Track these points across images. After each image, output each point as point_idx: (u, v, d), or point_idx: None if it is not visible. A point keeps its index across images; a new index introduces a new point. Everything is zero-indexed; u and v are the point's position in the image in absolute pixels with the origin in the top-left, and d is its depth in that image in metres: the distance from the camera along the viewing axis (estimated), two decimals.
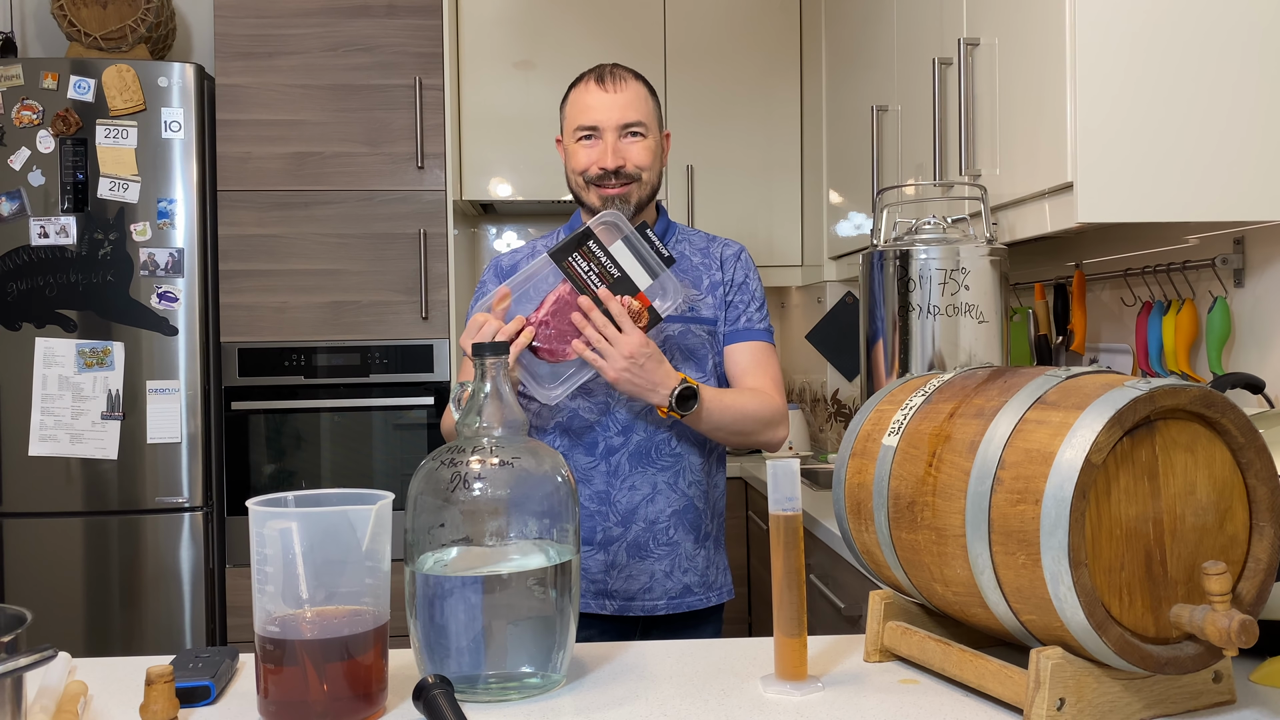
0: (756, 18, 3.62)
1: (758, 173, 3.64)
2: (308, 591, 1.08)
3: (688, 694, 1.15)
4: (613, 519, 1.77)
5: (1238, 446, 1.02)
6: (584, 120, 1.78)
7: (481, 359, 1.22)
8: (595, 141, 1.78)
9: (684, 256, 1.85)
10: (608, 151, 1.76)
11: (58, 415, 2.97)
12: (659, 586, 1.78)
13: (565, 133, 1.84)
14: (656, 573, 1.78)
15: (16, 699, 0.93)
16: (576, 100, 1.81)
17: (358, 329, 3.15)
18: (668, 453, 1.78)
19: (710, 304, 1.83)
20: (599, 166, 1.76)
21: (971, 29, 2.09)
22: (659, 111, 1.85)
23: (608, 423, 1.77)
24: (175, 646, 3.00)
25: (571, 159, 1.81)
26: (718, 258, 1.87)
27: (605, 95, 1.77)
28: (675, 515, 1.78)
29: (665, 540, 1.78)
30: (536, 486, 1.18)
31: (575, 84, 1.83)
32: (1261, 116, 1.65)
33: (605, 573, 1.77)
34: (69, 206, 2.98)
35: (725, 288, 1.85)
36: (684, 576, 1.79)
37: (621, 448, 1.76)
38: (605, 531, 1.77)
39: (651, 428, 1.77)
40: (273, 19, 3.13)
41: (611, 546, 1.77)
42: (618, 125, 1.76)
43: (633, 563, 1.77)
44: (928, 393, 1.21)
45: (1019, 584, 1.01)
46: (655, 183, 1.82)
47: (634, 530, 1.77)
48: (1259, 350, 1.81)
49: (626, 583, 1.77)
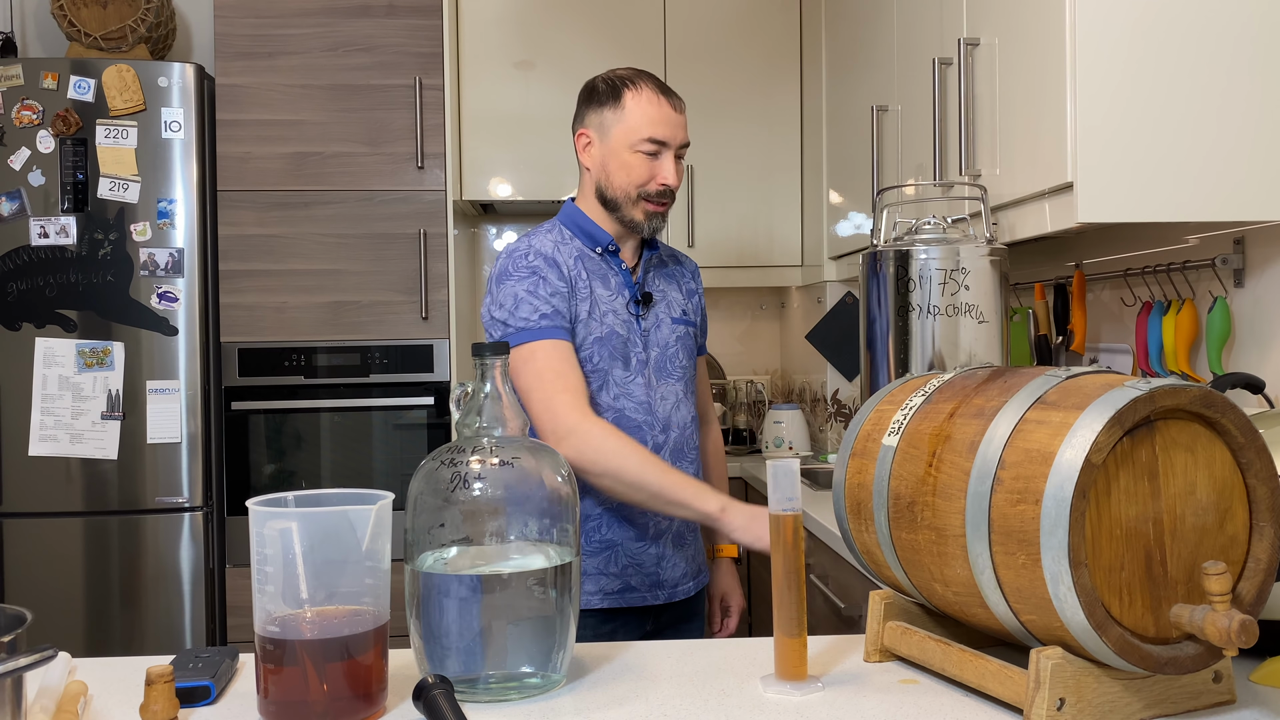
0: (756, 18, 3.62)
1: (758, 173, 3.64)
2: (308, 591, 1.08)
3: (688, 694, 1.15)
4: (661, 514, 1.80)
5: (1238, 446, 1.02)
6: (657, 133, 1.77)
7: (481, 359, 1.22)
8: (661, 157, 1.79)
9: (664, 262, 1.95)
10: (673, 170, 1.79)
11: (58, 415, 2.97)
12: (690, 570, 1.90)
13: (620, 139, 1.79)
14: (688, 558, 1.89)
15: (16, 699, 0.93)
16: (644, 110, 1.78)
17: (358, 329, 3.15)
18: (691, 447, 1.88)
19: (690, 310, 1.95)
20: (662, 183, 1.79)
21: (971, 29, 2.10)
22: None
23: (652, 422, 1.82)
24: (175, 646, 3.00)
25: (630, 169, 1.78)
26: (688, 268, 2.01)
27: (675, 114, 1.80)
28: None
29: (692, 528, 1.90)
30: (536, 486, 1.18)
31: (629, 88, 1.79)
32: (1261, 116, 1.65)
33: (658, 565, 1.83)
34: (69, 206, 2.98)
35: (698, 299, 2.01)
36: (694, 561, 1.92)
37: (664, 445, 1.83)
38: (655, 525, 1.82)
39: (681, 423, 1.86)
40: (273, 19, 3.13)
41: (661, 540, 1.83)
42: (680, 144, 1.81)
43: (675, 552, 1.86)
44: (928, 393, 1.21)
45: (1019, 584, 1.01)
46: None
47: (677, 523, 1.85)
48: (1259, 350, 1.81)
49: (672, 570, 1.85)
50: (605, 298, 1.81)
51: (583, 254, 1.83)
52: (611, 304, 1.82)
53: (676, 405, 1.86)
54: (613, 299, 1.82)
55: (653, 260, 1.91)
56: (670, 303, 1.90)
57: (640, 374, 1.82)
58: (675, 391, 1.86)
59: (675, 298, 1.91)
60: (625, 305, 1.83)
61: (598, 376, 1.79)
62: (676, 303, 1.91)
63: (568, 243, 1.84)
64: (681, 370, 1.88)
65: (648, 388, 1.82)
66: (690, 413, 1.89)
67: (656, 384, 1.84)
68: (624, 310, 1.83)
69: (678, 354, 1.88)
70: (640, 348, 1.83)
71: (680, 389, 1.87)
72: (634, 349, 1.82)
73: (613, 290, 1.83)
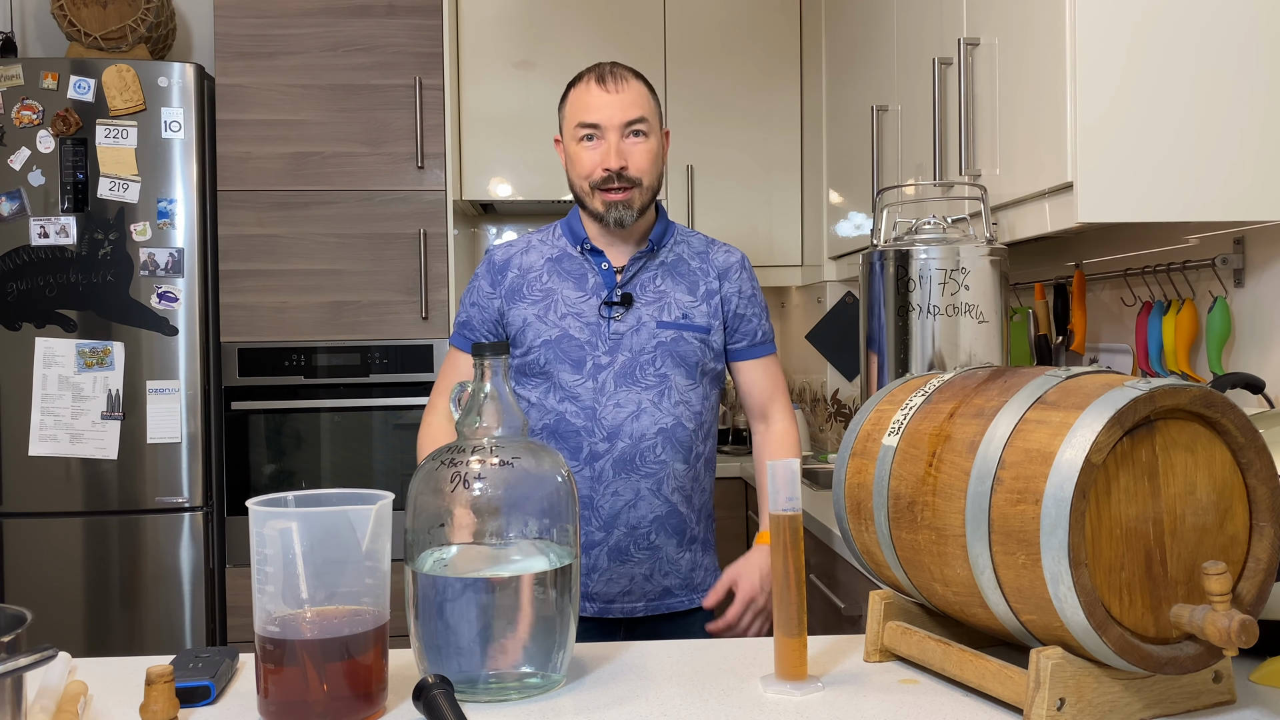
0: (756, 18, 3.62)
1: (758, 173, 3.64)
2: (308, 591, 1.08)
3: (688, 694, 1.15)
4: (595, 524, 1.77)
5: (1238, 446, 1.02)
6: (585, 118, 1.76)
7: (481, 359, 1.22)
8: (597, 142, 1.76)
9: (681, 260, 1.85)
10: (611, 152, 1.74)
11: (58, 415, 2.97)
12: (638, 589, 1.79)
13: (565, 133, 1.82)
14: (636, 576, 1.78)
15: (16, 699, 0.93)
16: (577, 99, 1.79)
17: (358, 329, 3.15)
18: (652, 460, 1.77)
19: (705, 312, 1.82)
20: (603, 168, 1.75)
21: (971, 29, 2.09)
22: (659, 110, 1.83)
23: (594, 429, 1.76)
24: (175, 646, 3.00)
25: (573, 162, 1.79)
26: (717, 265, 1.86)
27: (607, 95, 1.75)
28: (657, 521, 1.78)
29: (646, 545, 1.78)
30: (536, 486, 1.18)
31: (575, 83, 1.81)
32: (1261, 116, 1.65)
33: (585, 576, 1.77)
34: (69, 206, 2.98)
35: (735, 300, 1.85)
36: (664, 579, 1.80)
37: (606, 454, 1.75)
38: (587, 536, 1.77)
39: (636, 435, 1.76)
40: (273, 19, 3.13)
41: (592, 551, 1.77)
42: (620, 124, 1.75)
43: (612, 566, 1.77)
44: (928, 393, 1.21)
45: (1019, 584, 1.01)
46: (656, 186, 1.81)
47: (615, 535, 1.77)
48: (1259, 350, 1.81)
49: (606, 585, 1.77)
50: (573, 299, 1.79)
51: (564, 254, 1.83)
52: (578, 305, 1.78)
53: (636, 415, 1.75)
54: (583, 300, 1.79)
55: (651, 259, 1.83)
56: (666, 305, 1.80)
57: (593, 379, 1.76)
58: (639, 401, 1.76)
59: (678, 299, 1.81)
60: (598, 307, 1.78)
61: (542, 380, 1.78)
62: (678, 305, 1.80)
63: (550, 243, 1.85)
64: (658, 378, 1.77)
65: (598, 393, 1.75)
66: (664, 424, 1.76)
67: (614, 390, 1.76)
68: (593, 312, 1.78)
69: (656, 360, 1.77)
70: (602, 351, 1.76)
71: (652, 398, 1.76)
72: (592, 352, 1.76)
73: (586, 291, 1.79)
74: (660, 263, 1.84)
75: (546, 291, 1.80)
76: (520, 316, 1.80)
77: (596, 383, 1.76)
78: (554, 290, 1.80)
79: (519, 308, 1.80)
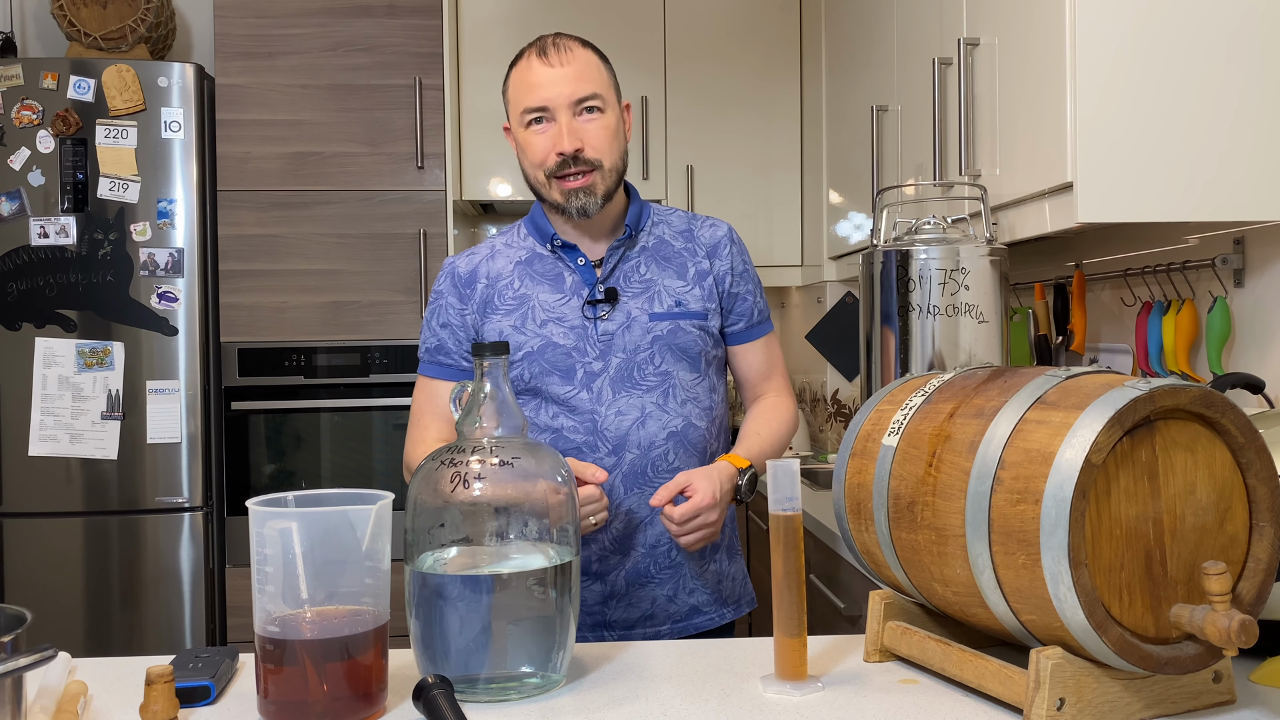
0: (756, 18, 3.62)
1: (758, 173, 3.64)
2: (308, 591, 1.08)
3: (688, 694, 1.15)
4: (609, 546, 1.60)
5: (1238, 446, 1.02)
6: (530, 101, 1.56)
7: (481, 359, 1.22)
8: (547, 125, 1.57)
9: (663, 242, 1.67)
10: (563, 134, 1.55)
11: (58, 415, 2.97)
12: (661, 612, 1.62)
13: (512, 119, 1.62)
14: (659, 598, 1.62)
15: (16, 699, 0.93)
16: (519, 80, 1.59)
17: (358, 329, 3.15)
18: (665, 469, 1.60)
19: (699, 296, 1.64)
20: (556, 153, 1.56)
21: (971, 29, 2.09)
22: (615, 81, 1.64)
23: (596, 442, 1.59)
24: (175, 646, 3.00)
25: (525, 151, 1.60)
26: (704, 242, 1.68)
27: (551, 70, 1.56)
28: None
29: (668, 563, 1.61)
30: (536, 486, 1.18)
31: (515, 61, 1.61)
32: (1261, 116, 1.65)
33: (603, 603, 1.61)
34: (69, 206, 2.98)
35: (728, 278, 1.68)
36: (690, 598, 1.64)
37: (614, 470, 1.58)
38: (602, 562, 1.60)
39: (644, 444, 1.59)
40: (273, 19, 3.13)
41: (609, 576, 1.61)
42: (570, 102, 1.55)
43: (633, 590, 1.61)
44: (928, 393, 1.21)
45: (1019, 584, 1.01)
46: (621, 166, 1.62)
47: (633, 557, 1.60)
48: (1259, 350, 1.81)
49: (626, 611, 1.61)
50: (552, 303, 1.62)
51: (534, 255, 1.66)
52: (559, 309, 1.62)
53: (642, 421, 1.59)
54: (563, 302, 1.62)
55: (631, 247, 1.65)
56: (655, 295, 1.63)
57: (587, 387, 1.59)
58: (643, 404, 1.59)
59: (668, 286, 1.63)
60: (580, 308, 1.61)
61: (530, 396, 1.61)
62: (668, 293, 1.63)
63: (517, 245, 1.68)
64: (660, 377, 1.60)
65: (596, 402, 1.59)
66: (674, 426, 1.60)
67: (614, 397, 1.59)
68: (575, 314, 1.61)
69: (654, 357, 1.60)
70: (593, 356, 1.60)
71: (656, 400, 1.60)
72: (582, 358, 1.59)
73: (565, 292, 1.62)
74: (641, 248, 1.66)
75: (521, 299, 1.63)
76: (495, 330, 1.62)
77: (592, 391, 1.59)
78: (529, 296, 1.63)
79: (493, 320, 1.63)
